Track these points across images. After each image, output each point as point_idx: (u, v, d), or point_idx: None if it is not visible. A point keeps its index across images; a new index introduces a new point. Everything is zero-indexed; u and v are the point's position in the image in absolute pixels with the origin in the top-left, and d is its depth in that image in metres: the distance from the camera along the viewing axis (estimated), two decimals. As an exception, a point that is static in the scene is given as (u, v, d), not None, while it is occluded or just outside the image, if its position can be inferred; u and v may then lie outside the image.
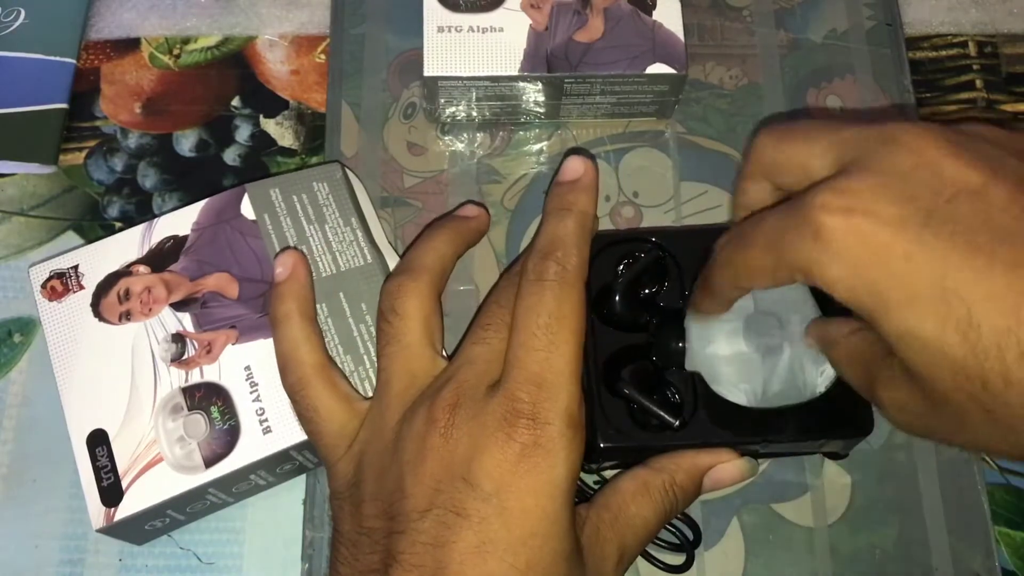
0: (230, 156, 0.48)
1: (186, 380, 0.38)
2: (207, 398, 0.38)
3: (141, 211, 0.47)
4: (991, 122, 0.28)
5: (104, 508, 0.36)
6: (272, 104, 0.49)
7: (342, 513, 0.34)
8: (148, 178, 0.48)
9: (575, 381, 0.32)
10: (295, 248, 0.40)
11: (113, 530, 0.37)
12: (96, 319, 0.39)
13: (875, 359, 0.28)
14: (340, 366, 0.38)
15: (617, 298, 0.37)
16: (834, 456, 0.41)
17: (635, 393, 0.35)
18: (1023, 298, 0.23)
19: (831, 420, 0.36)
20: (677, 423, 0.35)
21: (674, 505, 0.35)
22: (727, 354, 0.35)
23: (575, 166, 0.37)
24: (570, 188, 0.36)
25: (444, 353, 0.37)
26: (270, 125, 0.49)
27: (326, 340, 0.38)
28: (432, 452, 0.31)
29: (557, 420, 0.31)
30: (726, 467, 0.35)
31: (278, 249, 0.40)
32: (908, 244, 0.24)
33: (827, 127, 0.28)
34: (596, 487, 0.39)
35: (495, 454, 0.31)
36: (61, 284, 0.40)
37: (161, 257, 0.41)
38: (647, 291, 0.38)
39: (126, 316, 0.40)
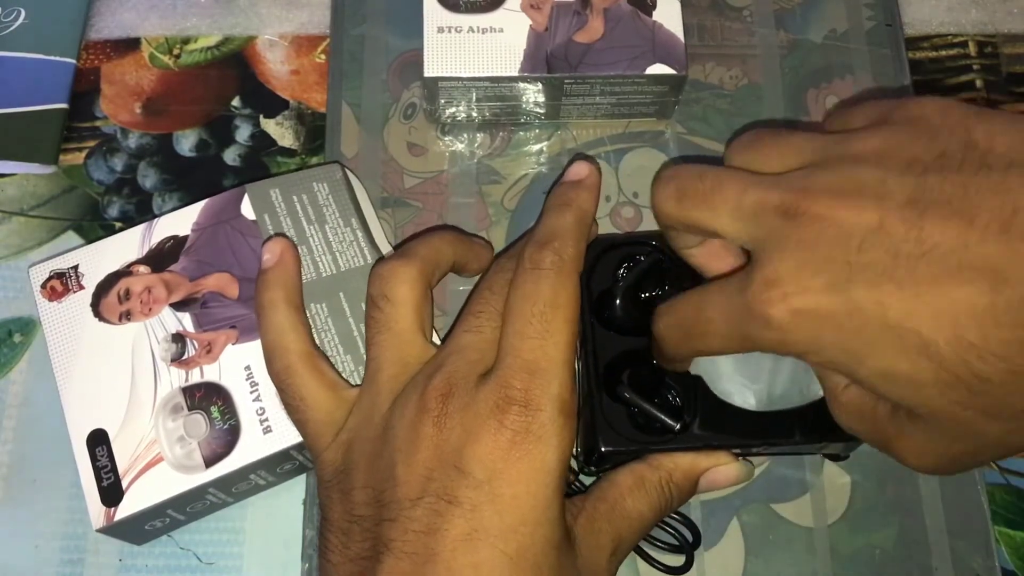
0: (230, 156, 0.48)
1: (186, 380, 0.38)
2: (207, 398, 0.38)
3: (141, 211, 0.47)
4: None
5: (104, 508, 0.36)
6: (272, 104, 0.49)
7: (330, 501, 0.34)
8: (148, 178, 0.48)
9: (568, 369, 0.32)
10: (283, 236, 0.40)
11: (113, 530, 0.37)
12: (96, 319, 0.39)
13: (884, 417, 0.29)
14: (340, 366, 0.38)
15: (618, 302, 0.37)
16: (834, 457, 0.41)
17: (636, 397, 0.35)
18: (955, 306, 0.24)
19: (832, 424, 0.35)
20: (678, 426, 0.35)
21: (669, 503, 0.35)
22: (730, 358, 0.35)
23: (579, 169, 0.38)
24: (572, 186, 0.37)
25: (436, 338, 0.36)
26: (270, 125, 0.49)
27: (327, 340, 0.38)
28: (425, 440, 0.31)
29: (548, 406, 0.31)
30: (722, 470, 0.35)
31: (278, 249, 0.40)
32: (844, 303, 0.26)
33: (722, 188, 0.29)
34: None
35: (487, 442, 0.31)
36: (61, 284, 0.40)
37: (161, 257, 0.41)
38: (648, 294, 0.37)
39: (126, 316, 0.40)
